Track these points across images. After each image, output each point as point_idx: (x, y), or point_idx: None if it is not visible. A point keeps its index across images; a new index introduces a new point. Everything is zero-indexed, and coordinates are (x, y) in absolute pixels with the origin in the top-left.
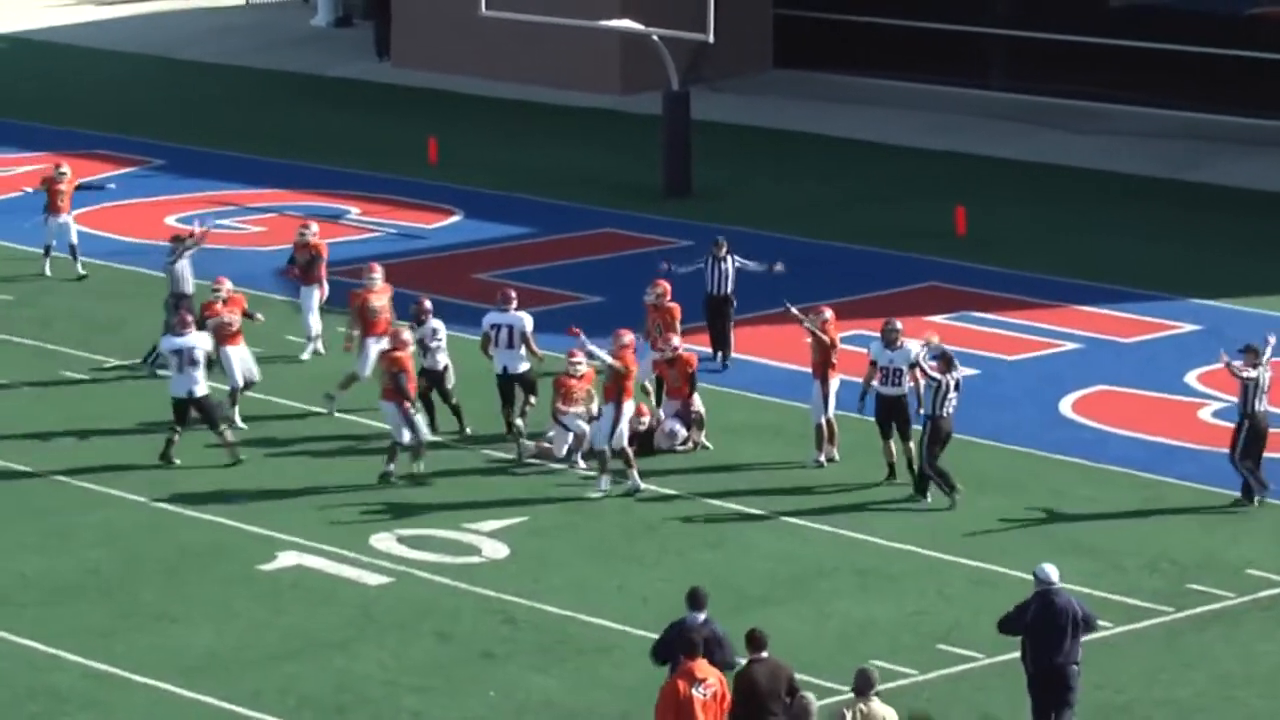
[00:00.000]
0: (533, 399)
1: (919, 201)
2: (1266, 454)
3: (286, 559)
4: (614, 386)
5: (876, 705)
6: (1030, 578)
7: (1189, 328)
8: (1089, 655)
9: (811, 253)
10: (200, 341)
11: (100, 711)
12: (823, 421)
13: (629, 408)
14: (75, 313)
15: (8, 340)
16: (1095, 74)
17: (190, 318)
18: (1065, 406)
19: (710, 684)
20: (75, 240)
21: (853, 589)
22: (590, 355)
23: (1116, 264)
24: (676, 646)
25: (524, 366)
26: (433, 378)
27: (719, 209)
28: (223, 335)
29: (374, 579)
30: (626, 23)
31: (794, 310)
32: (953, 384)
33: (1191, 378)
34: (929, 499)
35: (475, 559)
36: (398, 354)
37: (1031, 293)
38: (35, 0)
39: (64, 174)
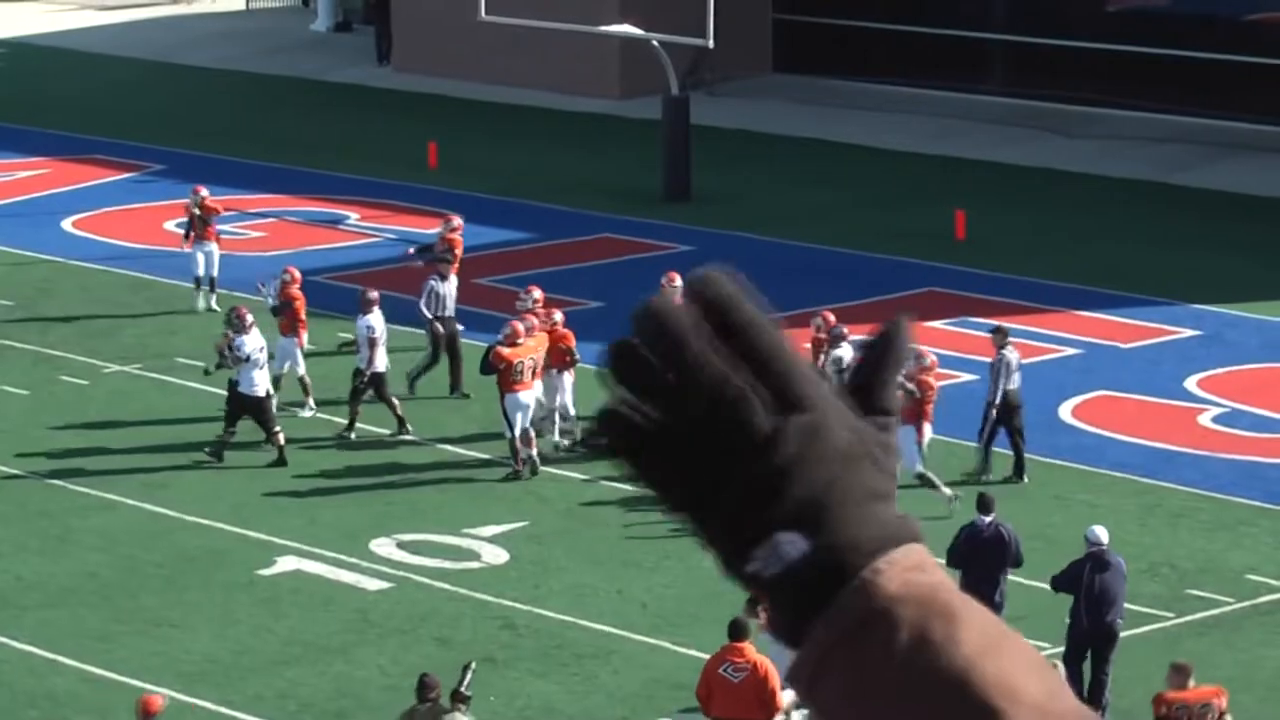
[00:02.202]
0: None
1: (918, 206)
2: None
3: (286, 564)
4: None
5: None
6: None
7: (1188, 333)
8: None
9: (811, 257)
10: (263, 341)
11: (99, 716)
12: (921, 471)
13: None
14: (73, 318)
15: (8, 346)
16: (1093, 78)
17: (250, 318)
18: (1065, 412)
19: (741, 666)
20: (216, 272)
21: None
22: None
23: (1116, 269)
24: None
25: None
26: (374, 379)
27: (718, 214)
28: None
29: (373, 584)
30: (626, 27)
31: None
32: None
33: (1191, 383)
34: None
35: (475, 564)
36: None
37: (1031, 298)
38: (36, 5)
39: (200, 198)
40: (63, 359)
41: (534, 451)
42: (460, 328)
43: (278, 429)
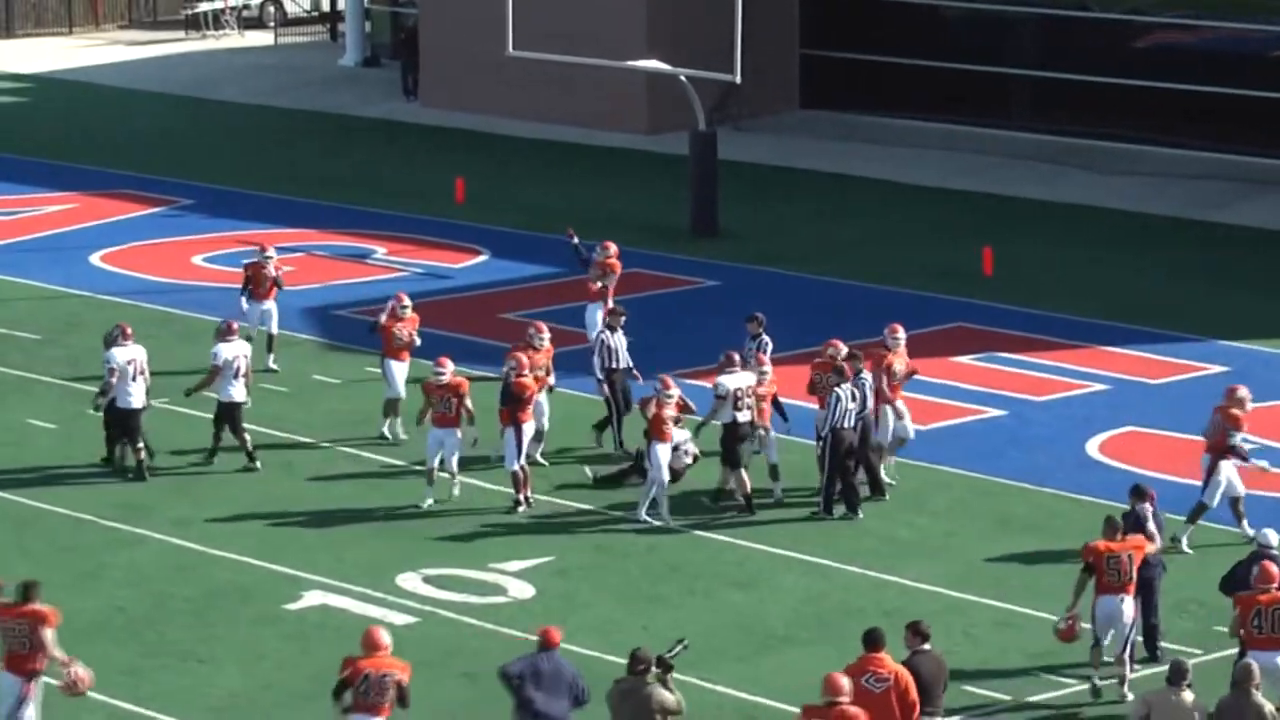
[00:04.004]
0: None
1: (946, 242)
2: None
3: (312, 598)
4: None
5: (1187, 695)
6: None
7: (1217, 369)
8: (1127, 695)
9: (839, 293)
10: (243, 350)
11: None
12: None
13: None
14: (100, 353)
15: (37, 380)
16: (1122, 115)
17: (236, 326)
18: (1093, 448)
19: (883, 678)
20: (276, 330)
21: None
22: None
23: (1144, 305)
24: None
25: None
26: (228, 409)
27: (746, 249)
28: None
29: (400, 619)
30: (654, 63)
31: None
32: (848, 395)
33: None
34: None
35: (501, 599)
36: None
37: (1059, 334)
38: (65, 40)
39: (269, 258)
40: (91, 393)
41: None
42: (636, 380)
43: (142, 444)
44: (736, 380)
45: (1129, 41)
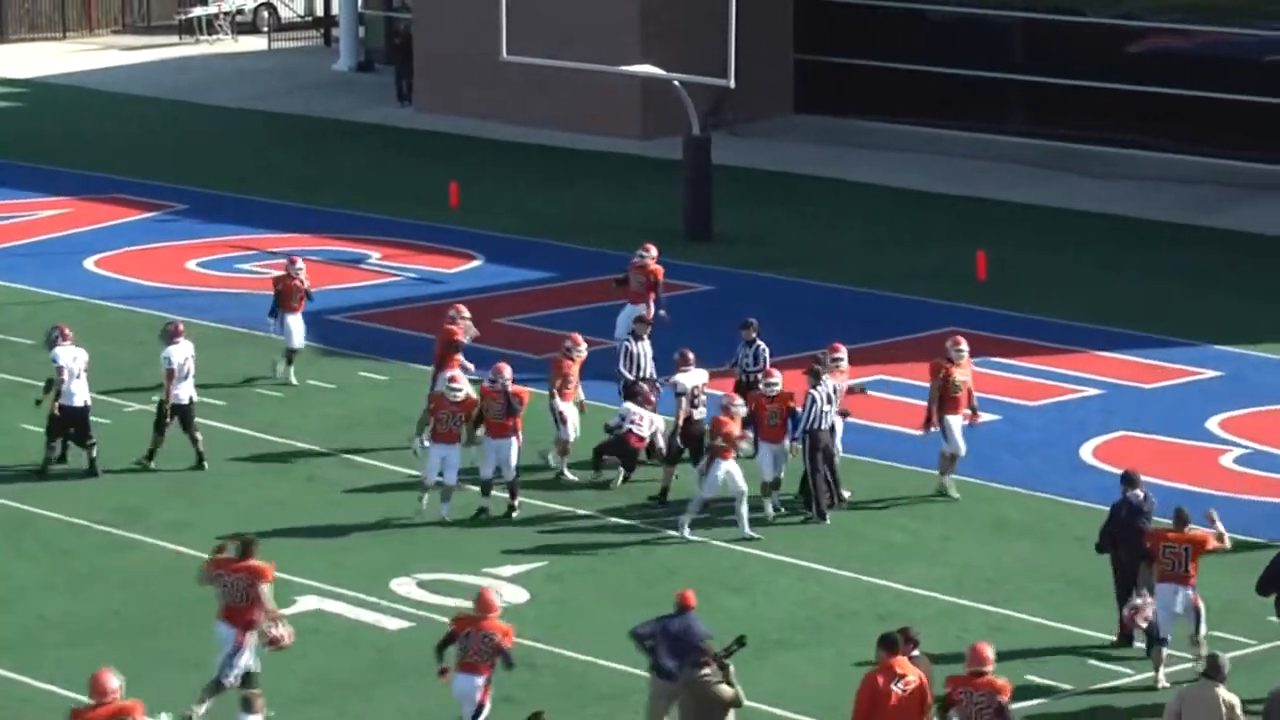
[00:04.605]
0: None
1: (939, 246)
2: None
3: (306, 603)
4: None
5: (1221, 690)
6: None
7: (1210, 374)
8: (1112, 704)
9: (832, 297)
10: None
11: None
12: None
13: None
14: (95, 357)
15: (30, 385)
16: (1114, 119)
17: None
18: (1086, 452)
19: (910, 681)
20: (301, 345)
21: (873, 633)
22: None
23: (1137, 310)
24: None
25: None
26: (71, 414)
27: (739, 254)
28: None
29: (394, 623)
30: (648, 68)
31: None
32: (824, 398)
33: (1213, 424)
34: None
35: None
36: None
37: (1052, 338)
38: (59, 45)
39: (299, 269)
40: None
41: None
42: (660, 388)
43: (93, 441)
44: (692, 378)
45: (1121, 46)
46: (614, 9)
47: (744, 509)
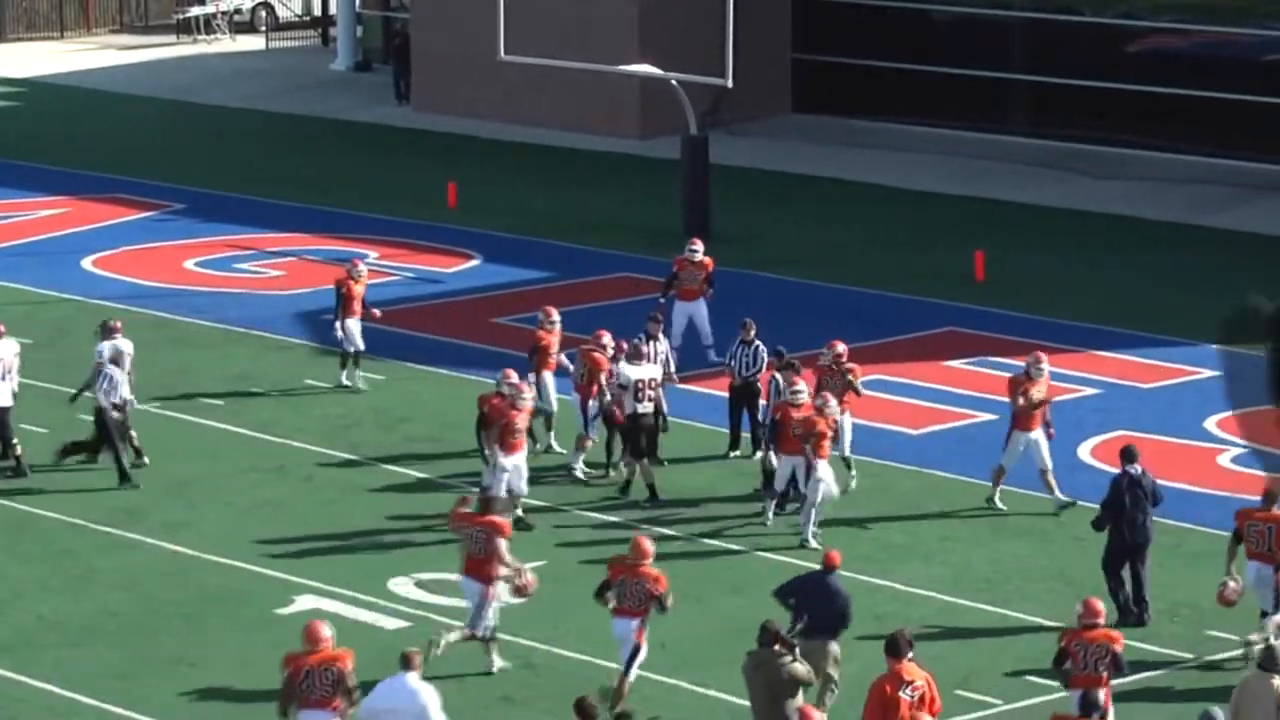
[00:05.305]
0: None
1: (938, 246)
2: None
3: (304, 603)
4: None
5: (1276, 681)
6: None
7: (1209, 373)
8: (1112, 703)
9: (830, 297)
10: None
11: None
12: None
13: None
14: (93, 357)
15: (29, 384)
16: (1115, 119)
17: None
18: (1084, 452)
19: (918, 686)
20: (362, 346)
21: (872, 633)
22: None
23: (1136, 309)
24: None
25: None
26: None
27: (738, 253)
28: (543, 361)
29: (392, 623)
30: (646, 67)
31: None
32: (787, 381)
33: (1211, 423)
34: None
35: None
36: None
37: (1051, 338)
38: (57, 45)
39: (360, 273)
40: (83, 398)
41: None
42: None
43: (15, 440)
44: (640, 371)
45: (1122, 46)
46: (613, 9)
47: (816, 514)
